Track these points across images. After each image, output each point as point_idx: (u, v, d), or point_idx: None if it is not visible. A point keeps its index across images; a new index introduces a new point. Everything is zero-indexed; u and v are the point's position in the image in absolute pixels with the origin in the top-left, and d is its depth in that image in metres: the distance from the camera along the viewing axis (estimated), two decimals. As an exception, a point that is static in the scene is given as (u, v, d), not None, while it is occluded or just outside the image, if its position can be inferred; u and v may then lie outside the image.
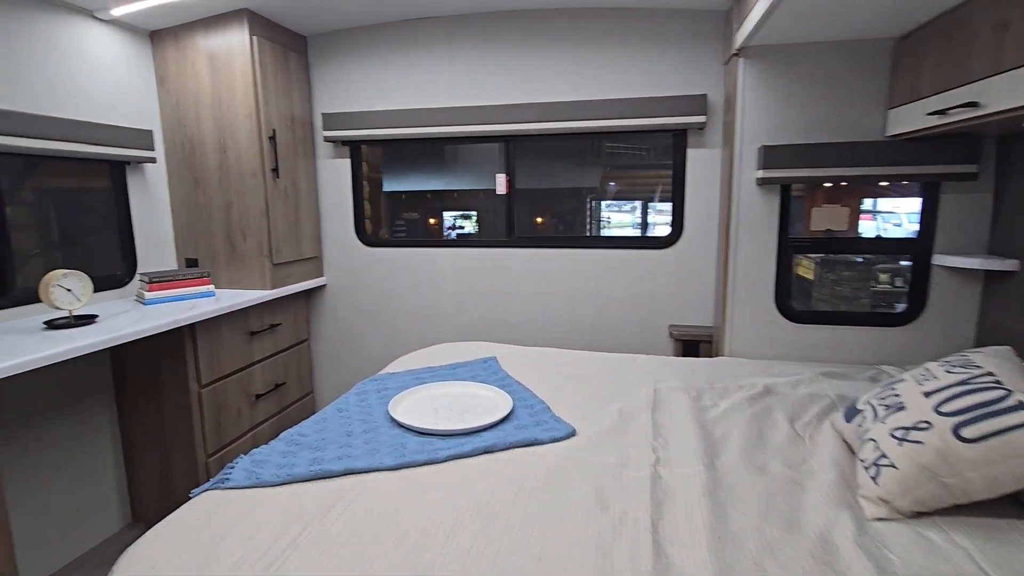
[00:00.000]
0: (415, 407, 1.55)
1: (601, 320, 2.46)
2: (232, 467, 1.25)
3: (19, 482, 1.81)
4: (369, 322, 2.74)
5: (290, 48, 2.45)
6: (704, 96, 2.15)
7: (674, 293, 2.36)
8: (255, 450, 1.34)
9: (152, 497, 2.21)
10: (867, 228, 2.82)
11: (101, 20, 2.08)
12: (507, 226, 2.54)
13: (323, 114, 2.55)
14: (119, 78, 2.18)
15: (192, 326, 1.99)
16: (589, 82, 2.30)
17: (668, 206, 2.41)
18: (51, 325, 1.71)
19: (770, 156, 1.93)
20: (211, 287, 2.26)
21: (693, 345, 2.28)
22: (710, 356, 2.22)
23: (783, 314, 2.07)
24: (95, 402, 2.10)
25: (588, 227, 4.02)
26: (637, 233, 4.25)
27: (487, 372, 1.86)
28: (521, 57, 2.36)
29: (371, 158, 2.83)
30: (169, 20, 2.20)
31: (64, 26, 1.96)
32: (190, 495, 1.17)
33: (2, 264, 1.83)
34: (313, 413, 2.85)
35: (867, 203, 2.90)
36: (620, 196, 4.36)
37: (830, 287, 2.80)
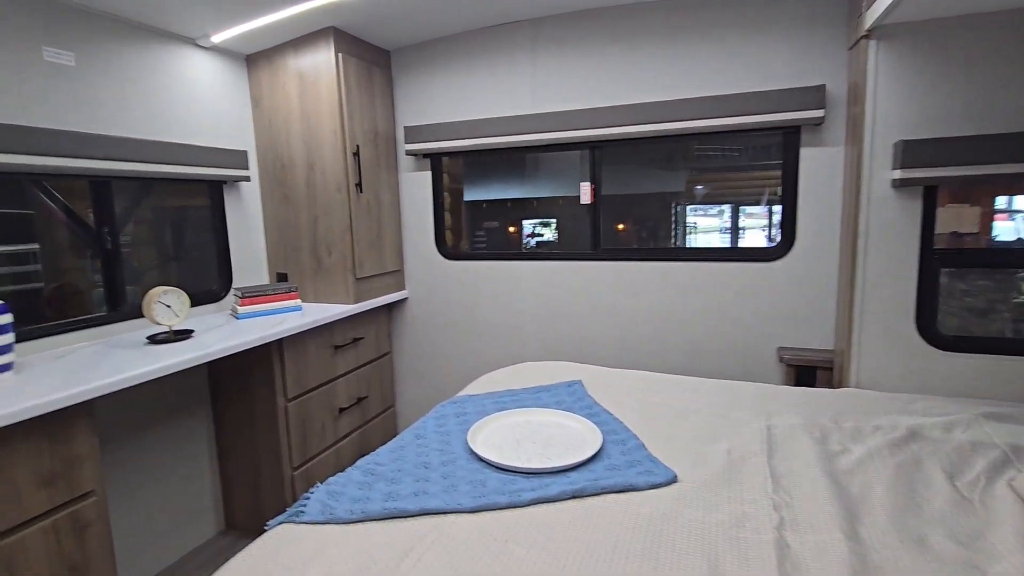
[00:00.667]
0: (495, 437, 1.44)
1: (698, 341, 2.23)
2: (308, 497, 1.19)
3: (121, 488, 1.91)
4: (450, 336, 2.68)
5: (374, 63, 2.46)
6: (822, 87, 1.88)
7: (784, 311, 2.09)
8: (332, 479, 1.28)
9: (243, 505, 2.27)
10: (1004, 230, 2.37)
11: (202, 47, 2.19)
12: (592, 237, 2.39)
13: (405, 127, 2.54)
14: (218, 101, 2.28)
15: (279, 341, 2.02)
16: (684, 80, 2.10)
17: (758, 209, 2.14)
18: (152, 340, 1.79)
19: (910, 153, 1.63)
20: (298, 301, 2.30)
21: (808, 372, 1.99)
22: (831, 386, 1.92)
23: (926, 339, 1.74)
24: (193, 412, 2.19)
25: (673, 233, 3.76)
26: (726, 239, 3.92)
27: (572, 398, 1.71)
28: (608, 57, 2.20)
29: (452, 168, 2.79)
30: (263, 43, 2.28)
31: (170, 55, 2.07)
32: (266, 526, 1.12)
33: (114, 282, 1.95)
34: (394, 427, 2.86)
35: (1000, 201, 2.43)
36: (708, 200, 4.05)
37: (959, 299, 2.37)
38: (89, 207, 1.92)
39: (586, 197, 2.37)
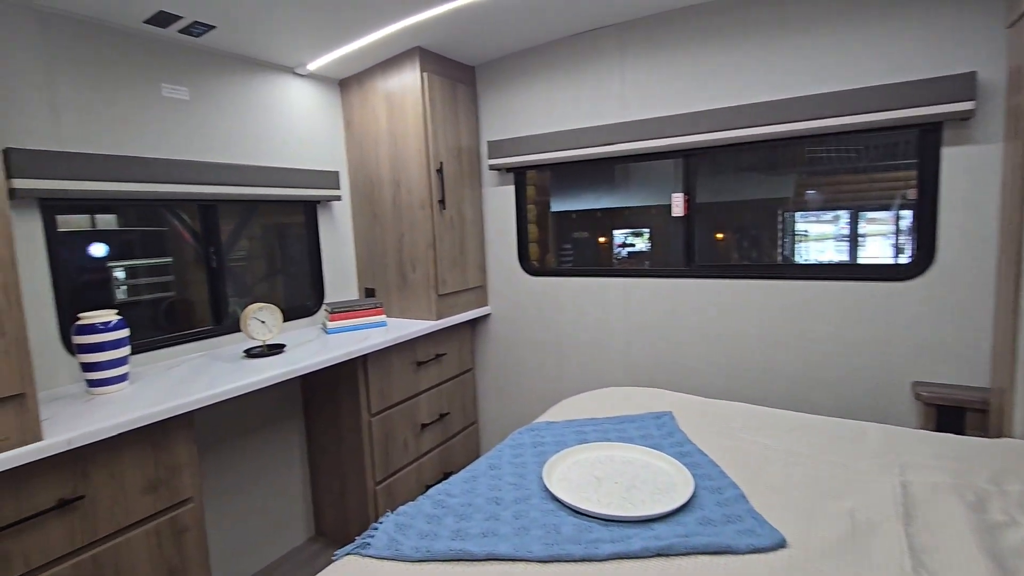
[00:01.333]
0: (573, 473, 1.33)
1: (812, 370, 1.96)
2: (376, 528, 1.16)
3: (217, 494, 2.02)
4: (533, 354, 2.60)
5: (459, 80, 2.46)
6: (971, 75, 1.57)
7: (921, 339, 1.77)
8: (402, 508, 1.24)
9: (331, 514, 2.33)
10: None
11: (299, 75, 2.31)
12: (685, 252, 2.20)
13: (488, 142, 2.51)
14: (313, 125, 2.40)
15: (363, 356, 2.06)
16: (796, 76, 1.87)
17: (882, 214, 1.84)
18: (248, 353, 1.88)
19: (1099, 148, 1.30)
20: (383, 316, 2.34)
21: (954, 413, 1.67)
22: (986, 434, 1.59)
23: (1124, 381, 1.38)
24: (286, 422, 2.30)
25: (780, 244, 3.39)
26: (842, 247, 3.46)
27: (661, 432, 1.56)
28: (704, 57, 2.02)
29: (540, 180, 2.72)
30: (354, 67, 2.36)
31: (271, 84, 2.21)
32: (333, 556, 1.10)
33: (219, 297, 2.09)
34: (477, 445, 2.83)
35: None
36: (822, 206, 3.63)
37: None
38: (199, 228, 2.08)
39: (679, 209, 2.19)
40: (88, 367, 1.49)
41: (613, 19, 2.15)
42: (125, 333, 1.55)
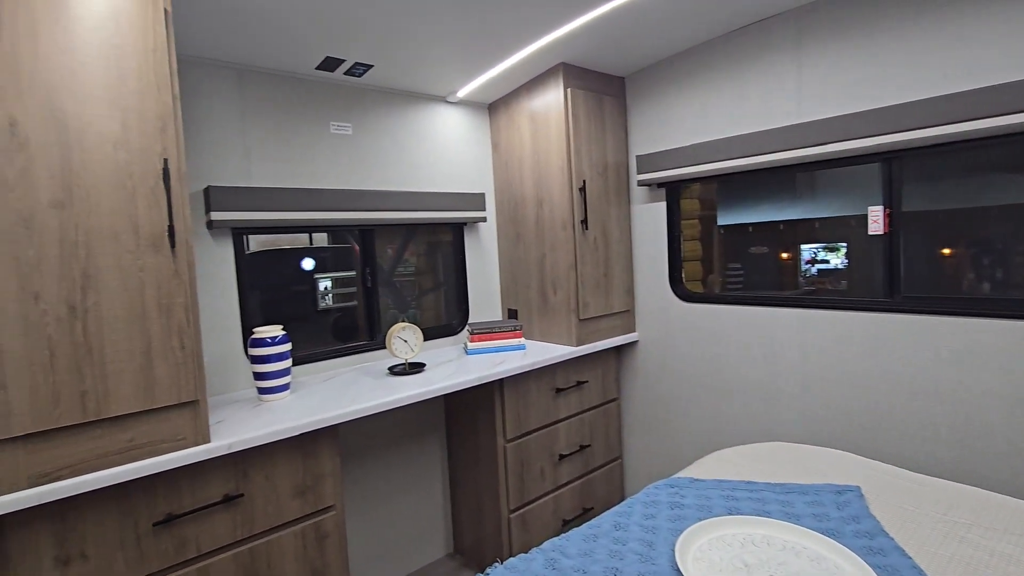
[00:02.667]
0: (715, 552, 1.09)
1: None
2: (484, 578, 1.07)
3: (359, 503, 2.14)
4: (687, 390, 2.32)
5: (605, 92, 2.33)
6: None
7: None
8: (511, 561, 1.14)
9: (469, 534, 2.34)
10: None
11: (450, 102, 2.40)
12: (887, 279, 1.75)
13: (637, 156, 2.32)
14: (463, 149, 2.47)
15: (500, 380, 2.02)
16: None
17: None
18: (391, 371, 1.97)
19: None
20: (522, 340, 2.29)
21: None
22: None
23: None
24: (430, 437, 2.37)
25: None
26: None
27: (842, 514, 1.22)
28: (914, 33, 1.59)
29: (702, 193, 2.44)
30: (501, 90, 2.38)
31: (424, 113, 2.33)
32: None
33: (373, 315, 2.25)
34: (620, 481, 2.62)
35: None
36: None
37: None
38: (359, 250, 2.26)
39: (877, 226, 1.76)
40: (258, 376, 1.68)
41: (789, 4, 1.83)
42: (287, 347, 1.72)
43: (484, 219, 2.46)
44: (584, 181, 2.22)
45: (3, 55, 1.07)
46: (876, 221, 1.76)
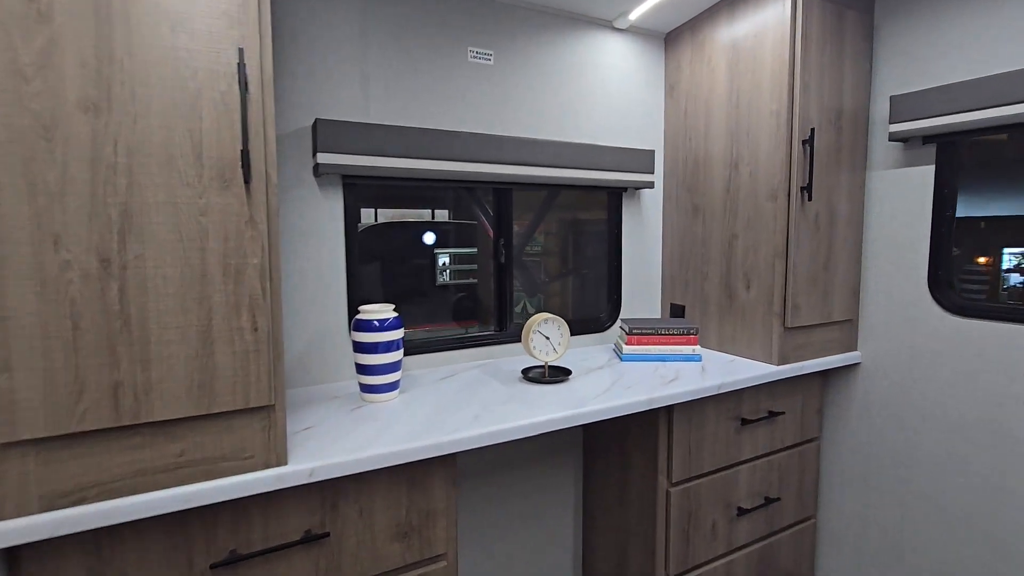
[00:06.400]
0: None
1: None
2: None
3: (471, 540, 1.70)
4: (942, 442, 1.58)
5: (848, 5, 1.62)
6: None
7: None
8: None
9: (601, 588, 1.82)
10: None
11: (618, 29, 1.84)
12: None
13: (891, 98, 1.59)
14: (629, 92, 1.90)
15: (670, 405, 1.46)
16: None
17: None
18: (526, 375, 1.49)
19: None
20: (697, 348, 1.70)
21: None
22: None
23: None
24: (563, 460, 1.87)
25: None
26: None
27: None
28: None
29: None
30: (689, 11, 1.77)
31: (583, 42, 1.79)
32: None
33: (504, 299, 1.78)
34: (811, 547, 1.92)
35: None
36: None
37: None
38: (491, 216, 1.80)
39: None
40: (362, 369, 1.28)
41: None
42: (399, 334, 1.30)
43: (651, 184, 1.88)
44: (812, 130, 1.54)
45: None
46: None
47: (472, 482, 1.69)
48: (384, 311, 1.29)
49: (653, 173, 1.88)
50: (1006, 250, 1.66)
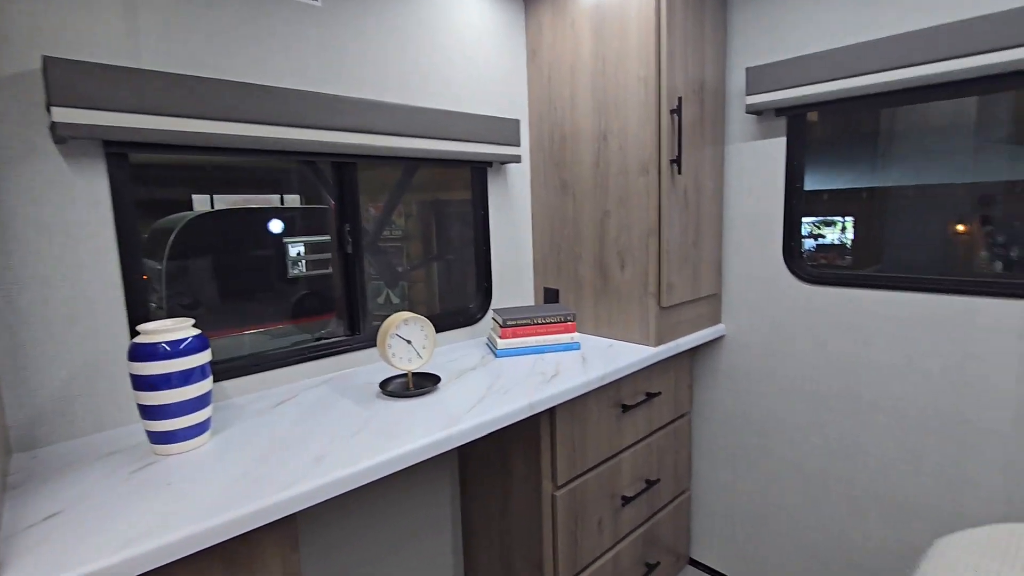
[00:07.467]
0: None
1: None
2: None
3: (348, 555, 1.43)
4: (802, 408, 1.65)
5: (708, -29, 1.57)
6: None
7: None
8: None
9: (487, 606, 1.66)
10: None
11: (474, -22, 1.61)
12: None
13: (748, 69, 1.58)
14: (487, 57, 1.69)
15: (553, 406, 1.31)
16: None
17: None
18: (386, 389, 1.23)
19: None
20: (576, 335, 1.58)
21: None
22: None
23: None
24: (437, 475, 1.66)
25: None
26: None
27: None
28: None
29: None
30: (550, -37, 1.60)
31: (435, -9, 1.53)
32: None
33: (353, 296, 1.49)
34: (687, 522, 1.94)
35: None
36: None
37: None
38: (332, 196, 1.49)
39: None
40: (147, 412, 0.92)
41: None
42: (204, 358, 0.97)
43: (518, 158, 1.70)
44: (679, 100, 1.47)
45: None
46: None
47: (323, 524, 1.40)
48: (178, 329, 0.94)
49: (520, 146, 1.70)
50: (805, 219, 1.72)
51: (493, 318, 1.63)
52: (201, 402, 0.96)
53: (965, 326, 1.33)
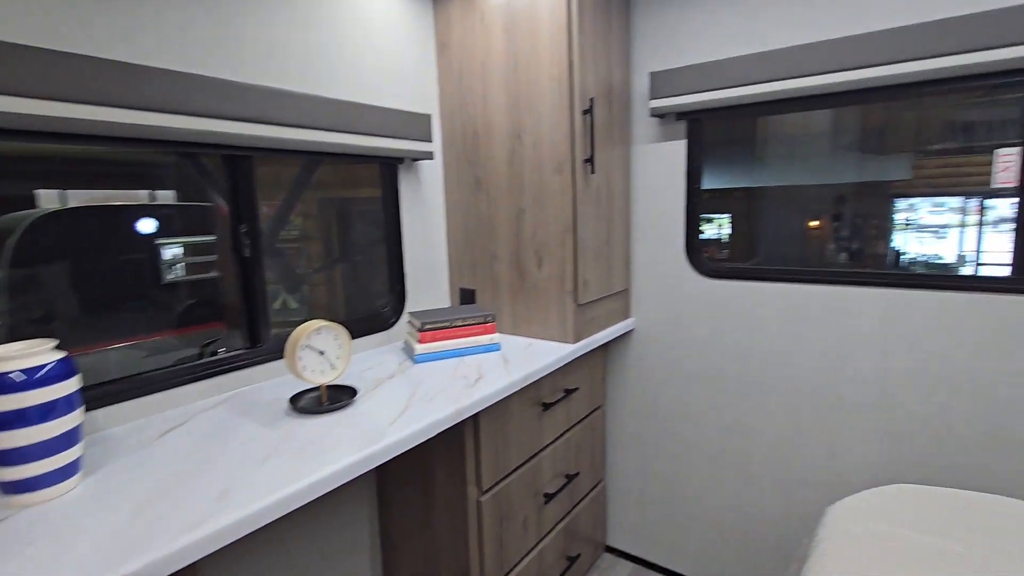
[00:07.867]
0: None
1: None
2: None
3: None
4: (704, 394, 1.76)
5: (613, -24, 1.61)
6: None
7: None
8: None
9: (410, 621, 1.59)
10: None
11: (379, -38, 1.52)
12: (1018, 253, 1.29)
13: (651, 74, 1.65)
14: (395, 48, 1.60)
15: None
16: None
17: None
18: (295, 404, 1.13)
19: None
20: (495, 336, 1.56)
21: None
22: None
23: None
24: (353, 491, 1.56)
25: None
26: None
27: None
28: None
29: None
30: (459, -46, 1.55)
31: (336, -29, 1.42)
32: None
33: (255, 305, 1.34)
34: (603, 511, 2.00)
35: None
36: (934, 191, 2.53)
37: None
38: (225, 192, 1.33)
39: (1009, 175, 1.28)
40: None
41: None
42: (71, 386, 0.81)
43: (430, 155, 1.64)
44: (591, 100, 1.49)
45: None
46: (1008, 168, 1.28)
47: (224, 567, 1.26)
48: (34, 353, 0.78)
49: (431, 142, 1.64)
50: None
51: (410, 322, 1.56)
52: (67, 440, 0.81)
53: (837, 312, 1.49)
